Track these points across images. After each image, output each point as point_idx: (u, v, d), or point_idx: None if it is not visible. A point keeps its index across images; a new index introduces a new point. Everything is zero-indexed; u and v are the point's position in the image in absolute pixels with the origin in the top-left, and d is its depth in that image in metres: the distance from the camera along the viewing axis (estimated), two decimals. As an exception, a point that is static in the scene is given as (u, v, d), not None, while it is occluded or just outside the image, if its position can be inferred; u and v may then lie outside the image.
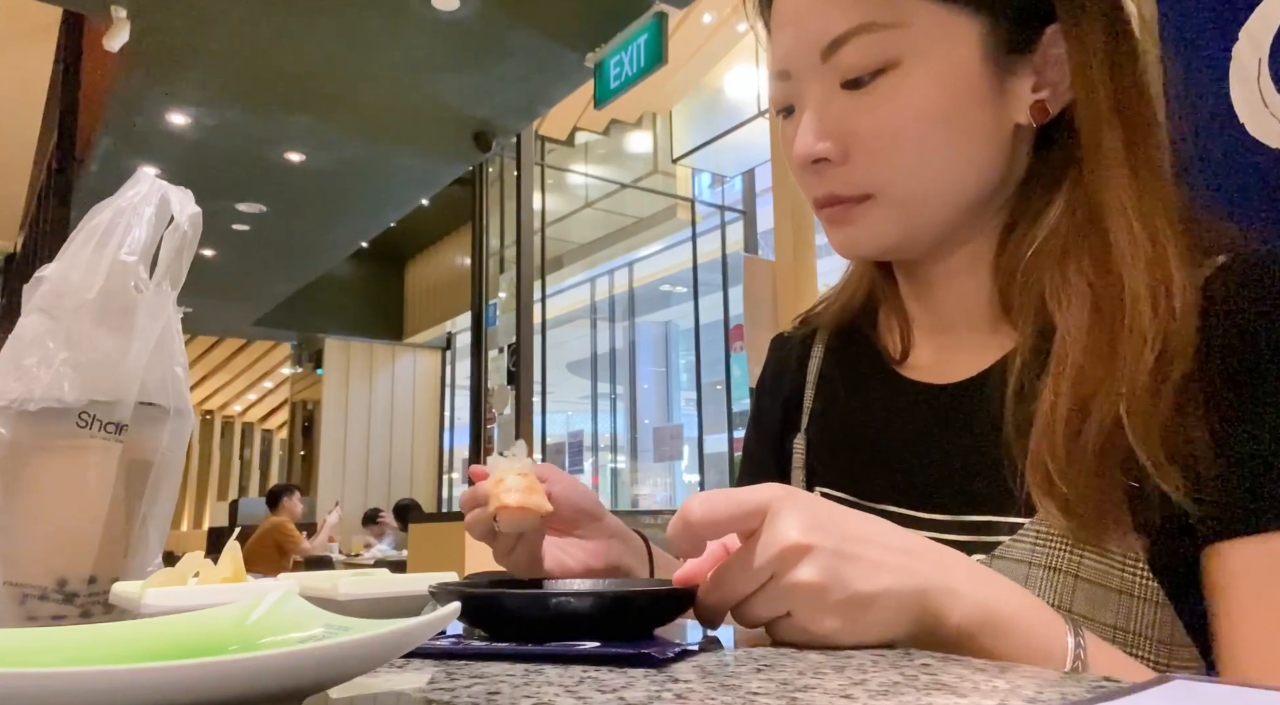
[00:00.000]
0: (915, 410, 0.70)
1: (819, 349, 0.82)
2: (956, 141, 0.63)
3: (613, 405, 9.76)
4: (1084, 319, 0.60)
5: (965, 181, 0.65)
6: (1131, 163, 0.62)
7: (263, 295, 9.96)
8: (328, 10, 4.80)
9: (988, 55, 0.63)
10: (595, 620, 0.51)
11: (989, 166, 0.65)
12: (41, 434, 0.56)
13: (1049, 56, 0.64)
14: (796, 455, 0.78)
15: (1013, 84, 0.64)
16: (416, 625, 0.33)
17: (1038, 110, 0.64)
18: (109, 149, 6.31)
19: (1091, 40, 0.63)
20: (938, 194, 0.65)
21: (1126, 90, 0.63)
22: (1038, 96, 0.64)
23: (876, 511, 0.68)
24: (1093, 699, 0.31)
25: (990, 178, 0.65)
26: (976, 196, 0.66)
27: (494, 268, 7.05)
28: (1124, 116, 0.62)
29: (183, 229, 0.61)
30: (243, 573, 0.51)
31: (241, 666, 0.29)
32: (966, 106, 0.63)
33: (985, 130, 0.64)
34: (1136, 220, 0.60)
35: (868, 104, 0.64)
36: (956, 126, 0.63)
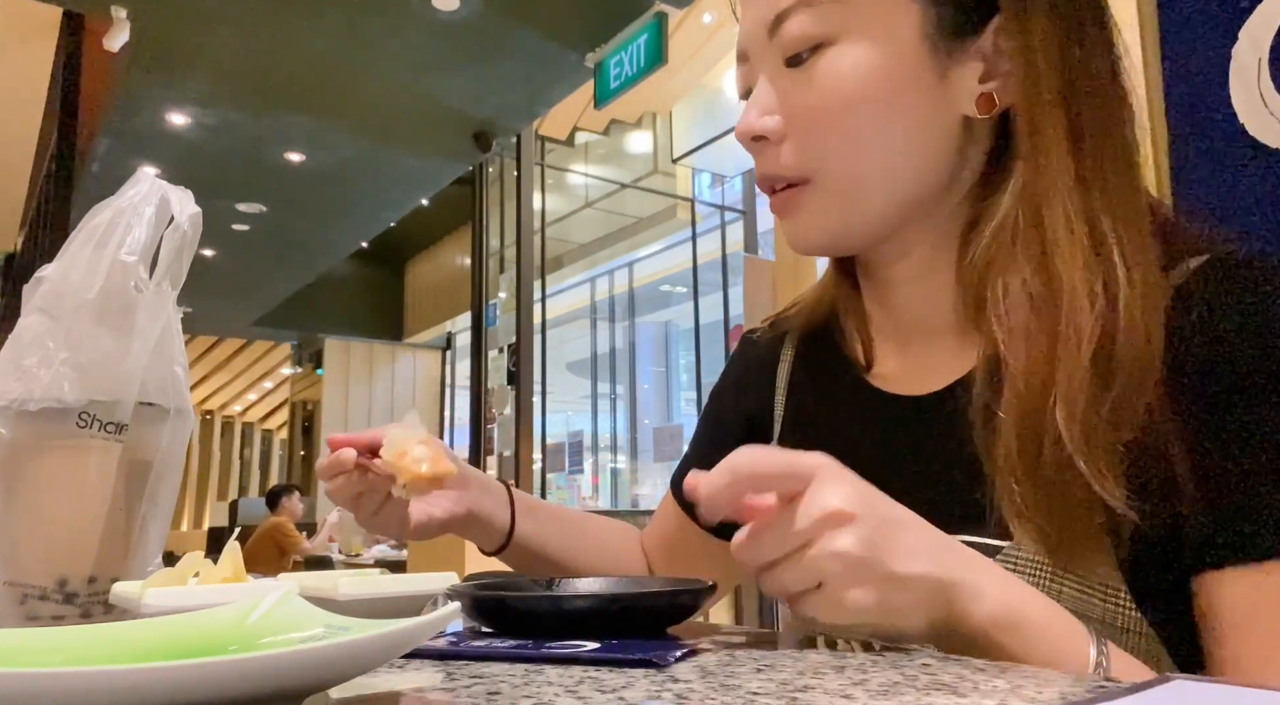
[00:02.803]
0: (887, 423, 0.67)
1: (788, 353, 0.80)
2: (892, 125, 0.61)
3: (613, 405, 9.75)
4: (1022, 325, 0.57)
5: (905, 170, 0.62)
6: (1077, 158, 0.59)
7: (263, 295, 9.95)
8: (328, 10, 4.80)
9: (927, 38, 0.61)
10: (611, 619, 0.52)
11: (934, 158, 0.62)
12: (41, 434, 0.56)
13: (999, 46, 0.61)
14: None
15: (956, 72, 0.61)
16: (416, 625, 0.33)
17: (984, 102, 0.61)
18: (109, 149, 6.31)
19: (1038, 29, 0.60)
20: (875, 181, 0.63)
21: (1079, 83, 0.60)
22: (985, 88, 0.62)
23: None
24: (1093, 699, 0.31)
25: (936, 171, 0.63)
26: (920, 189, 0.63)
27: (494, 268, 7.04)
28: (1073, 110, 0.59)
29: (183, 229, 0.61)
30: (243, 573, 0.51)
31: (241, 666, 0.29)
32: (903, 89, 0.61)
33: (926, 118, 0.62)
34: (1076, 216, 0.57)
35: (803, 81, 0.62)
36: (892, 109, 0.61)
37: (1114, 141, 0.60)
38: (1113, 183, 0.58)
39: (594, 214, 8.61)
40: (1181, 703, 0.28)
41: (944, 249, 0.65)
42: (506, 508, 0.83)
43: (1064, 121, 0.59)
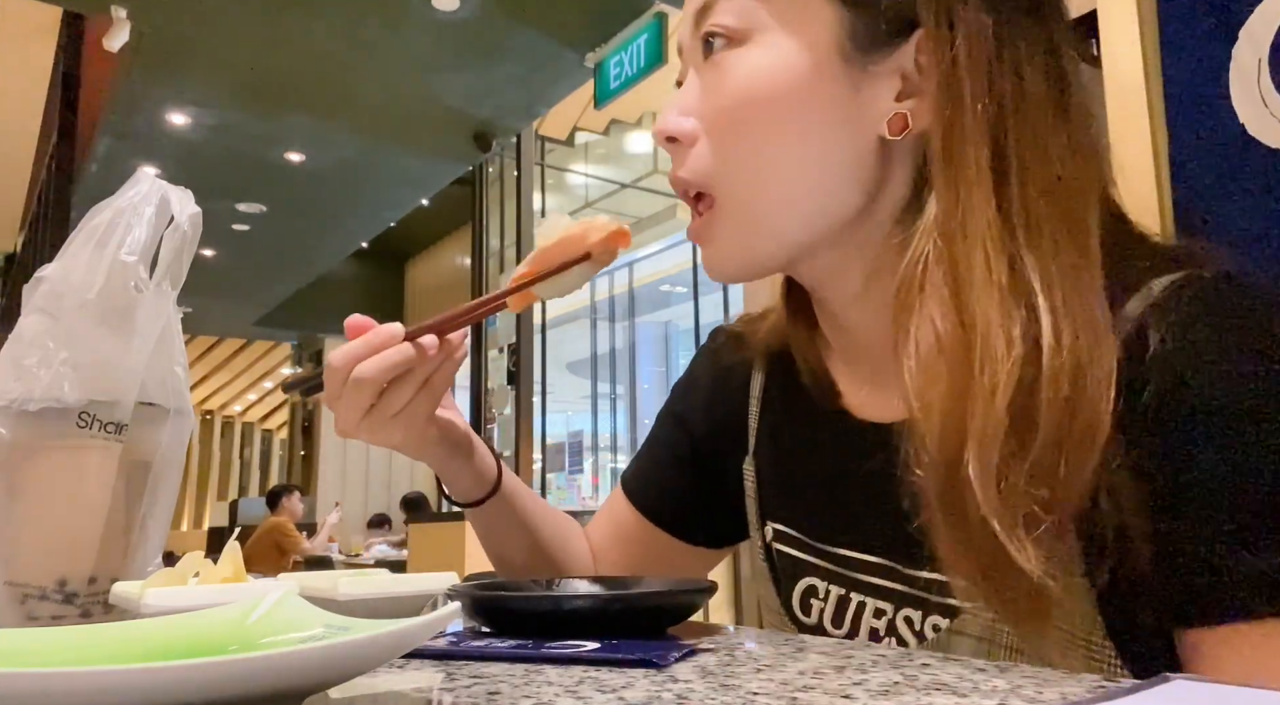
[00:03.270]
0: (857, 450, 0.63)
1: (761, 367, 0.77)
2: (797, 137, 0.57)
3: (613, 405, 9.76)
4: (930, 372, 0.53)
5: (812, 189, 0.58)
6: (1002, 193, 0.53)
7: (263, 295, 9.95)
8: (328, 10, 4.80)
9: (841, 47, 0.57)
10: (611, 619, 0.52)
11: (846, 178, 0.58)
12: (41, 434, 0.56)
13: (922, 64, 0.57)
14: (748, 482, 0.75)
15: (870, 87, 0.57)
16: (416, 625, 0.33)
17: (897, 123, 0.57)
18: (109, 149, 6.31)
19: (964, 50, 0.54)
20: (778, 199, 0.59)
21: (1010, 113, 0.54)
22: (900, 107, 0.57)
23: (829, 554, 0.65)
24: (1093, 699, 0.31)
25: (849, 192, 0.58)
26: (832, 211, 0.59)
27: (494, 268, 7.04)
28: (1001, 142, 0.54)
29: (183, 229, 0.61)
30: (243, 573, 0.51)
31: (241, 666, 0.29)
32: (810, 99, 0.57)
33: (836, 134, 0.57)
34: (996, 255, 0.52)
35: (714, 80, 0.60)
36: (797, 119, 0.57)
37: (1049, 176, 0.54)
38: (1045, 222, 0.53)
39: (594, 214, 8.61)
40: (1181, 703, 0.28)
41: (882, 273, 0.60)
42: (494, 463, 0.80)
43: (988, 154, 0.54)
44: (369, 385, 0.63)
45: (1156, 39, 1.32)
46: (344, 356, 0.64)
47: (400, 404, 0.66)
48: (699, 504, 0.82)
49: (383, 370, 0.63)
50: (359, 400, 0.64)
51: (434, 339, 0.65)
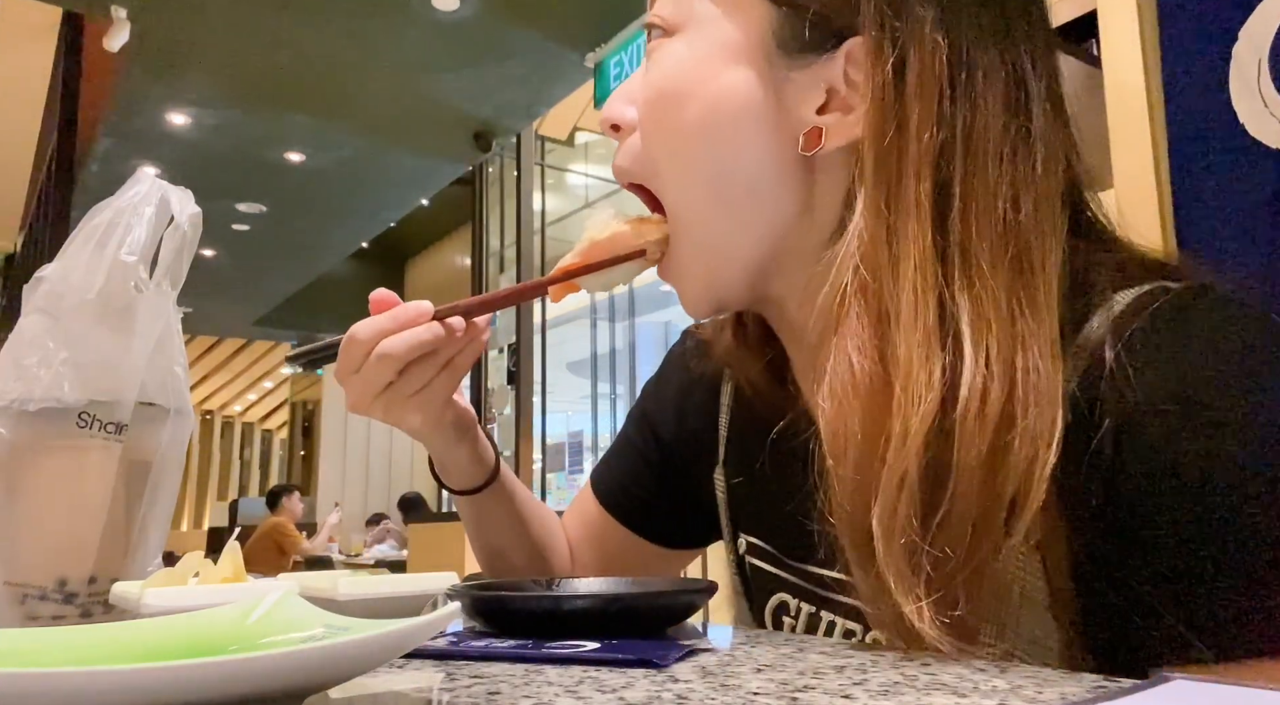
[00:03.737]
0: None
1: (731, 372, 0.74)
2: (713, 132, 0.55)
3: (613, 405, 9.75)
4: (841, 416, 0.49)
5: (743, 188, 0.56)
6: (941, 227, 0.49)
7: (263, 295, 9.95)
8: (328, 10, 4.80)
9: (766, 48, 0.54)
10: (611, 619, 0.52)
11: (776, 183, 0.55)
12: (41, 434, 0.56)
13: (850, 79, 0.53)
14: (719, 493, 0.74)
15: (791, 95, 0.54)
16: (416, 625, 0.33)
17: (811, 137, 0.54)
18: (109, 149, 6.31)
19: (913, 71, 0.50)
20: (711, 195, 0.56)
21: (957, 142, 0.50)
22: (820, 121, 0.54)
23: (800, 571, 0.64)
24: (1093, 699, 0.31)
25: (783, 198, 0.56)
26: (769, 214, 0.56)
27: (494, 268, 7.04)
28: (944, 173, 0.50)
29: (183, 229, 0.61)
30: (243, 573, 0.51)
31: (241, 666, 0.29)
32: (726, 97, 0.55)
33: (755, 135, 0.55)
34: (926, 291, 0.48)
35: (648, 67, 0.59)
36: (712, 113, 0.55)
37: (996, 215, 0.50)
38: (988, 263, 0.49)
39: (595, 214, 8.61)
40: (1181, 703, 0.28)
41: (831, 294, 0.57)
42: (493, 451, 0.79)
43: (930, 187, 0.50)
44: (394, 361, 0.62)
45: (1156, 39, 1.32)
46: (370, 330, 0.62)
47: (420, 384, 0.64)
48: (667, 507, 0.81)
49: (410, 347, 0.61)
50: (380, 376, 0.62)
51: (461, 321, 0.64)
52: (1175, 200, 1.26)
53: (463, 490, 0.78)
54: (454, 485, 0.78)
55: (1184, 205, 1.25)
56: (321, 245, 8.48)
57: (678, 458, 0.79)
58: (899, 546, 0.45)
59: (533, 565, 0.81)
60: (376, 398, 0.64)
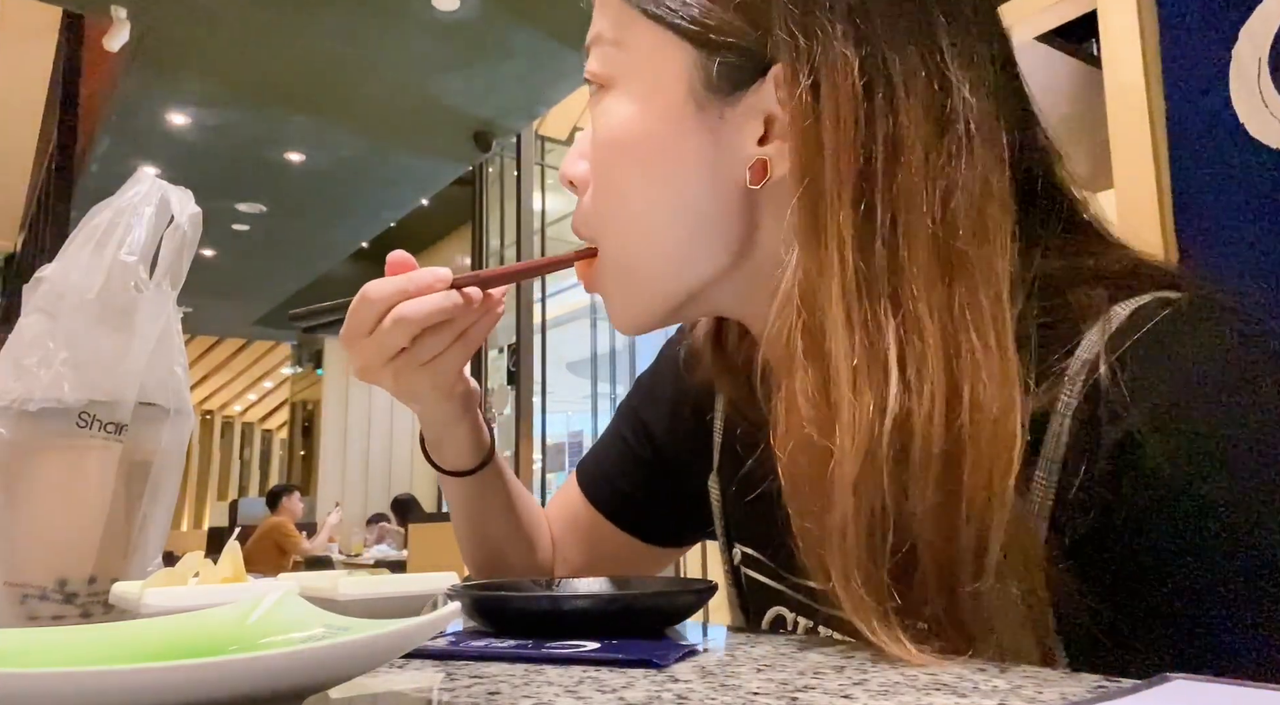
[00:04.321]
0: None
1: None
2: (652, 184, 0.55)
3: (613, 405, 9.74)
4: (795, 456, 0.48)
5: (678, 237, 0.55)
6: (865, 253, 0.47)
7: (263, 295, 9.95)
8: (328, 10, 4.79)
9: (694, 92, 0.53)
10: (611, 619, 0.52)
11: (712, 228, 0.55)
12: (41, 434, 0.56)
13: (783, 100, 0.51)
14: (714, 501, 0.73)
15: (729, 133, 0.53)
16: (416, 625, 0.33)
17: (756, 169, 0.53)
18: (109, 149, 6.31)
19: (827, 89, 0.48)
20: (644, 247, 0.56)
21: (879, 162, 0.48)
22: (762, 152, 0.52)
23: (797, 585, 0.63)
24: (1093, 699, 0.31)
25: (715, 244, 0.55)
26: (698, 260, 0.56)
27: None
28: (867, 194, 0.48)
29: (183, 229, 0.61)
30: (243, 573, 0.51)
31: (241, 666, 0.29)
32: (662, 146, 0.54)
33: (693, 182, 0.54)
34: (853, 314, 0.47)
35: (591, 123, 0.58)
36: (648, 165, 0.55)
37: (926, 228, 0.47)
38: (921, 280, 0.47)
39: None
40: (1181, 703, 0.28)
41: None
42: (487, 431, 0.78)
43: (850, 212, 0.48)
44: (410, 326, 0.60)
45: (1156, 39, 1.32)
46: (386, 290, 0.60)
47: (433, 352, 0.63)
48: (655, 505, 0.80)
49: (429, 313, 0.60)
50: (393, 341, 0.61)
51: (479, 291, 0.63)
52: (1175, 200, 1.26)
53: (458, 471, 0.76)
54: (449, 465, 0.76)
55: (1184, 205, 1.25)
56: (321, 245, 8.48)
57: (670, 457, 0.79)
58: (855, 588, 0.44)
59: (520, 555, 0.80)
60: (387, 364, 0.63)
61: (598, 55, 0.58)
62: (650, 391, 0.83)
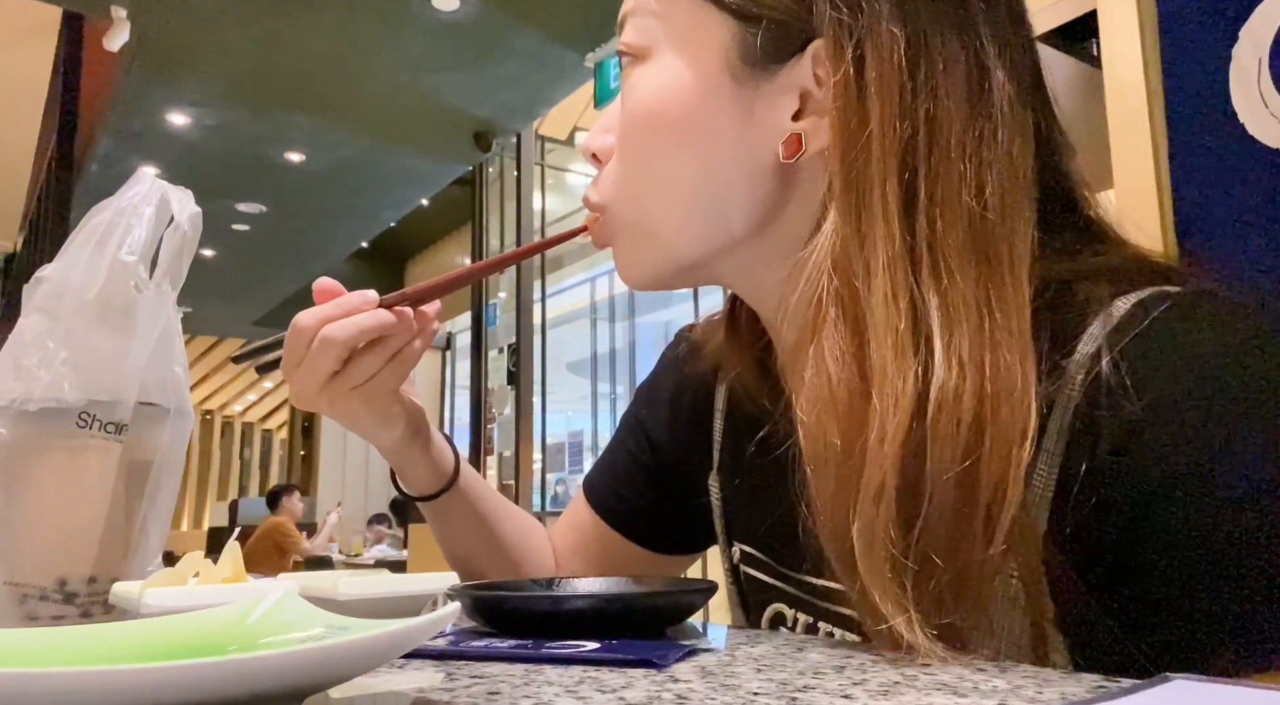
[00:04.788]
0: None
1: (725, 375, 0.73)
2: (685, 155, 0.55)
3: (613, 405, 9.74)
4: (820, 424, 0.48)
5: (701, 207, 0.56)
6: (909, 227, 0.49)
7: (263, 295, 9.96)
8: (328, 10, 4.79)
9: (731, 65, 0.54)
10: (611, 619, 0.52)
11: (740, 200, 0.55)
12: (41, 434, 0.56)
13: (821, 79, 0.52)
14: (713, 500, 0.73)
15: (764, 107, 0.54)
16: (416, 625, 0.33)
17: (792, 143, 0.53)
18: (109, 149, 6.31)
19: (872, 67, 0.50)
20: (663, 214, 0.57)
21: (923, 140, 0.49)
22: (797, 127, 0.53)
23: (796, 581, 0.64)
24: (1093, 699, 0.31)
25: (741, 215, 0.55)
26: (718, 231, 0.56)
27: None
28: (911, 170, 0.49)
29: (183, 229, 0.61)
30: (243, 573, 0.51)
31: (241, 666, 0.29)
32: (698, 118, 0.55)
33: (727, 155, 0.55)
34: (900, 293, 0.47)
35: (622, 95, 0.59)
36: (683, 137, 0.55)
37: (963, 206, 0.49)
38: (956, 257, 0.48)
39: (594, 214, 8.62)
40: (1181, 702, 0.28)
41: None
42: (451, 454, 0.78)
43: (895, 184, 0.49)
44: (336, 348, 0.61)
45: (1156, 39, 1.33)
46: (313, 317, 0.61)
47: (366, 375, 0.63)
48: (662, 513, 0.80)
49: (353, 332, 0.61)
50: (323, 365, 0.61)
51: (409, 310, 0.64)
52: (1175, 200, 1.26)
53: (420, 496, 0.76)
54: (410, 490, 0.76)
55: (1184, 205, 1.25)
56: (321, 245, 8.48)
57: (672, 462, 0.79)
58: (880, 558, 0.45)
59: (502, 575, 0.80)
60: (320, 390, 0.63)
61: (635, 26, 0.58)
62: (650, 397, 0.83)
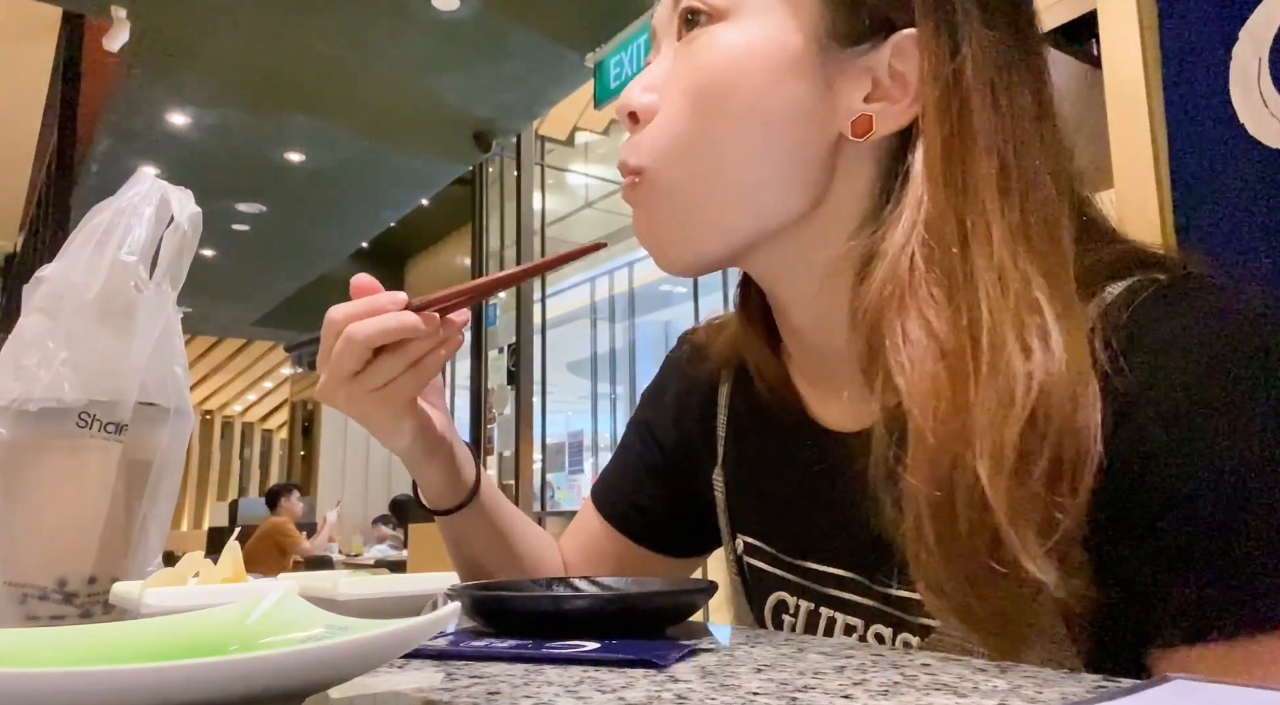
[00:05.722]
0: (825, 460, 0.62)
1: (728, 377, 0.74)
2: (757, 121, 0.55)
3: (613, 405, 9.75)
4: (928, 376, 0.50)
5: (757, 183, 0.56)
6: (1007, 203, 0.52)
7: (263, 295, 9.96)
8: (328, 10, 4.80)
9: (816, 39, 0.55)
10: (611, 619, 0.52)
11: (798, 173, 0.56)
12: (41, 434, 0.56)
13: (895, 69, 0.55)
14: (717, 494, 0.74)
15: (842, 84, 0.55)
16: (416, 625, 0.33)
17: (861, 124, 0.55)
18: (109, 149, 6.31)
19: (974, 58, 0.53)
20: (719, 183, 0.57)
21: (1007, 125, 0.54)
22: (868, 109, 0.55)
23: (798, 568, 0.64)
24: (1093, 699, 0.31)
25: (797, 188, 0.57)
26: (773, 204, 0.57)
27: (494, 268, 7.04)
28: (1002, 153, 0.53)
29: (183, 229, 0.61)
30: (243, 573, 0.51)
31: (241, 666, 0.29)
32: (779, 84, 0.55)
33: (797, 125, 0.55)
34: (1011, 264, 0.51)
35: (686, 55, 0.58)
36: (761, 101, 0.55)
37: (1040, 193, 0.53)
38: (1036, 235, 0.52)
39: (594, 214, 8.61)
40: (1181, 702, 0.28)
41: (840, 274, 0.58)
42: (474, 472, 0.77)
43: (997, 161, 0.53)
44: (358, 346, 0.61)
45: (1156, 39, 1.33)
46: (342, 313, 0.62)
47: (384, 378, 0.63)
48: (670, 515, 0.81)
49: (374, 332, 0.61)
50: (345, 362, 0.61)
51: (436, 317, 0.63)
52: (1175, 200, 1.26)
53: (437, 510, 0.76)
54: (427, 503, 0.76)
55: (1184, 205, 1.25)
56: (321, 245, 8.49)
57: (679, 463, 0.79)
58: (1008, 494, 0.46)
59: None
60: (340, 386, 0.63)
61: None
62: (655, 400, 0.83)
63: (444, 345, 0.65)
